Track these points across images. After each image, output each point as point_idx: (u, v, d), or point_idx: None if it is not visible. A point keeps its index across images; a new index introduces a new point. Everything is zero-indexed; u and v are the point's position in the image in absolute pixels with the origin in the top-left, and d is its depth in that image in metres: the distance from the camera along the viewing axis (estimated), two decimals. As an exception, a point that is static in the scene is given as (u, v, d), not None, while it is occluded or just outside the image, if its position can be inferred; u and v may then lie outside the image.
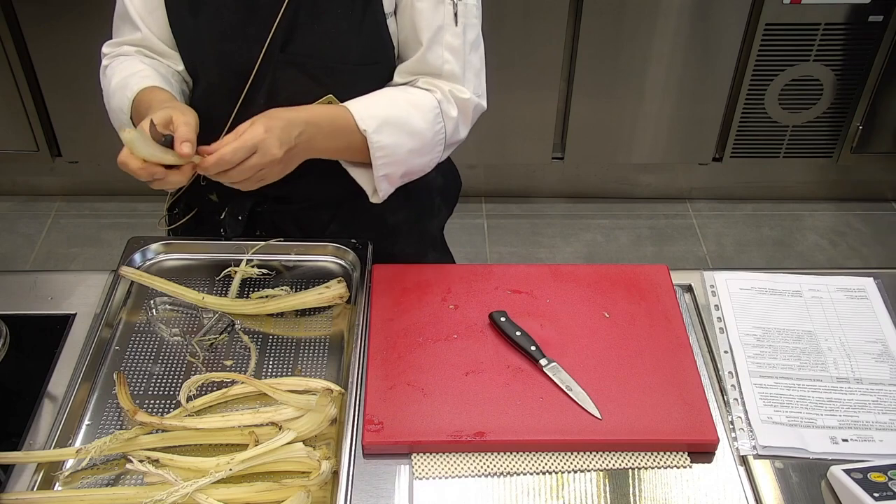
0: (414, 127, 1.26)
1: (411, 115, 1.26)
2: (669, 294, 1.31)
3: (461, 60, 1.29)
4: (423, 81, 1.30)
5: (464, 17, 1.27)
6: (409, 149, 1.26)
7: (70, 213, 3.04)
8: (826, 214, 3.09)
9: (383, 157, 1.25)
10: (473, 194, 3.06)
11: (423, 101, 1.27)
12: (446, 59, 1.28)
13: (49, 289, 1.34)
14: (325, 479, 1.05)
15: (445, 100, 1.29)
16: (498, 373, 1.18)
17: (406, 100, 1.27)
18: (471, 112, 1.32)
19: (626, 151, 2.94)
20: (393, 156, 1.25)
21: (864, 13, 2.59)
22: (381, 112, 1.24)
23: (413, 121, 1.26)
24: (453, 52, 1.28)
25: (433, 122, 1.28)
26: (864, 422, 1.14)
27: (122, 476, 1.08)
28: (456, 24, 1.26)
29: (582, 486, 1.08)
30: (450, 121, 1.29)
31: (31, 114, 2.78)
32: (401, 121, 1.25)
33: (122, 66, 1.32)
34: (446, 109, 1.29)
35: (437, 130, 1.29)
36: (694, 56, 2.70)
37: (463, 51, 1.28)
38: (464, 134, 1.34)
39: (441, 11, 1.26)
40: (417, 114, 1.26)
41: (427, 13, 1.25)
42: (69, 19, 2.58)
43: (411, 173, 1.31)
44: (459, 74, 1.29)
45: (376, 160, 1.24)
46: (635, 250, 2.94)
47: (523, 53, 2.67)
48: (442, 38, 1.27)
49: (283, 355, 1.24)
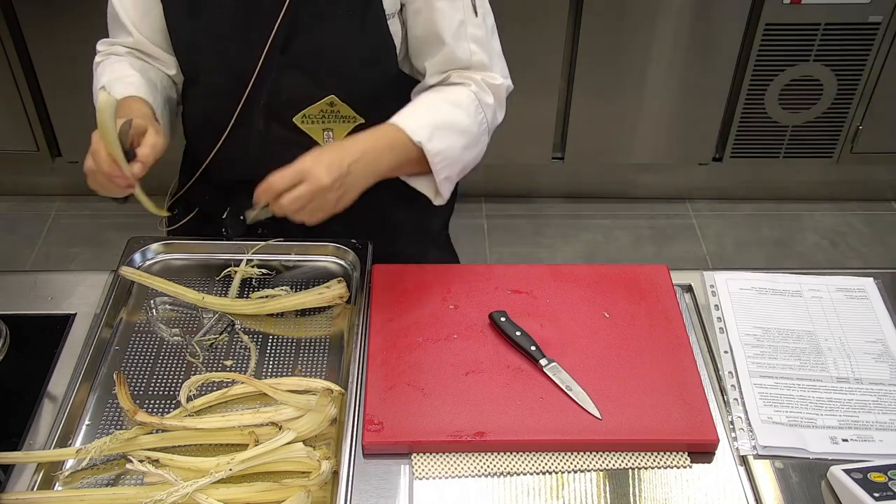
0: (461, 125, 1.29)
1: (455, 115, 1.29)
2: (669, 294, 1.31)
3: (487, 49, 1.32)
4: (455, 76, 1.33)
5: (481, 7, 1.30)
6: (462, 146, 1.30)
7: (70, 213, 3.04)
8: (826, 214, 3.09)
9: (441, 162, 1.28)
10: (473, 194, 3.06)
11: (461, 98, 1.30)
12: (473, 52, 1.31)
13: (49, 289, 1.34)
14: (325, 479, 1.05)
15: (480, 90, 1.32)
16: (498, 373, 1.18)
17: (445, 100, 1.30)
18: (504, 95, 1.36)
19: (626, 151, 2.94)
20: (449, 158, 1.29)
21: (864, 13, 2.59)
22: (428, 120, 1.27)
23: (458, 119, 1.29)
24: (479, 43, 1.31)
25: (475, 114, 1.31)
26: (864, 422, 1.14)
27: (122, 476, 1.08)
28: (476, 14, 1.29)
29: (582, 486, 1.08)
30: (489, 109, 1.33)
31: (31, 114, 2.77)
32: (448, 122, 1.28)
33: (112, 68, 1.32)
34: (483, 99, 1.32)
35: (479, 121, 1.32)
36: (694, 56, 2.70)
37: (487, 39, 1.32)
38: (501, 117, 1.38)
39: (460, 6, 1.28)
40: (460, 112, 1.30)
41: (447, 11, 1.27)
42: (69, 19, 2.57)
43: (466, 168, 1.35)
44: (487, 62, 1.33)
45: (435, 165, 1.28)
46: (635, 250, 2.94)
47: (523, 53, 2.66)
48: (466, 31, 1.29)
49: (283, 355, 1.24)
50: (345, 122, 1.34)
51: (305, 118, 1.33)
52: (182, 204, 1.51)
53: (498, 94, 1.34)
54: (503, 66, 1.37)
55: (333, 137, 1.35)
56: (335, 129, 1.34)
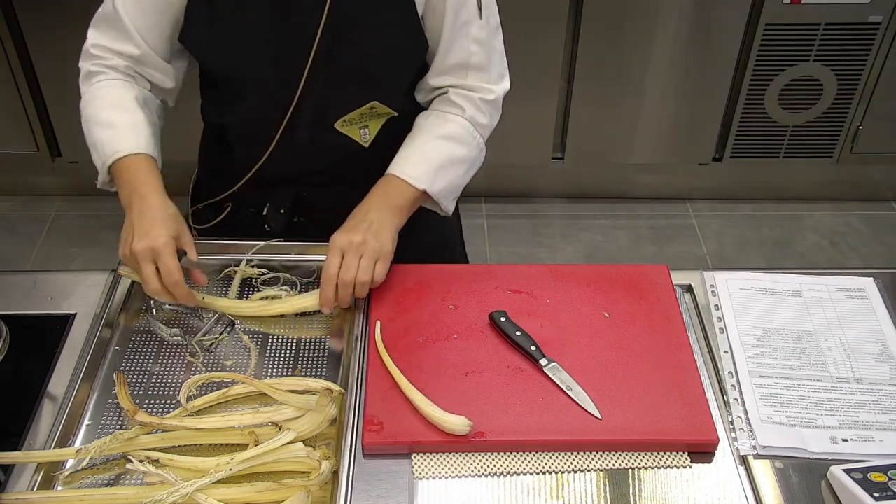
0: (459, 157, 1.35)
1: (453, 150, 1.34)
2: (669, 294, 1.31)
3: (487, 50, 1.33)
4: (453, 93, 1.35)
5: (487, 9, 1.31)
6: (462, 174, 1.37)
7: (70, 213, 3.04)
8: (826, 214, 3.09)
9: (447, 196, 1.36)
10: (473, 194, 3.06)
11: (456, 132, 1.35)
12: (473, 52, 1.32)
13: (49, 289, 1.34)
14: (325, 479, 1.05)
15: (476, 112, 1.36)
16: (498, 373, 1.18)
17: (441, 136, 1.34)
18: (500, 104, 1.38)
19: (626, 151, 2.94)
20: (452, 189, 1.37)
21: (864, 13, 2.59)
22: (428, 166, 1.32)
23: (456, 153, 1.35)
24: (480, 44, 1.32)
25: (471, 141, 1.36)
26: (864, 422, 1.14)
27: (122, 476, 1.08)
28: (480, 16, 1.30)
29: (582, 486, 1.08)
30: (484, 129, 1.38)
31: (31, 114, 2.77)
32: (446, 161, 1.34)
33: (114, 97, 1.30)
34: (477, 120, 1.36)
35: (476, 144, 1.38)
36: (694, 56, 2.70)
37: (489, 41, 1.33)
38: (496, 122, 1.41)
39: (466, 6, 1.28)
40: (458, 146, 1.35)
41: (452, 10, 1.28)
42: (69, 20, 2.57)
43: (469, 183, 1.41)
44: (486, 63, 1.34)
45: (441, 201, 1.35)
46: (635, 250, 2.94)
47: (523, 54, 2.66)
48: (468, 31, 1.30)
49: (283, 355, 1.24)
50: (379, 118, 1.37)
51: (345, 122, 1.35)
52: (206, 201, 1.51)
53: (493, 107, 1.38)
54: (502, 65, 1.38)
55: (369, 133, 1.37)
56: (370, 124, 1.37)
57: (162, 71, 1.33)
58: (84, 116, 1.32)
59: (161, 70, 1.33)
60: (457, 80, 1.35)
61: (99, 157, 1.29)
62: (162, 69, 1.33)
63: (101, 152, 1.28)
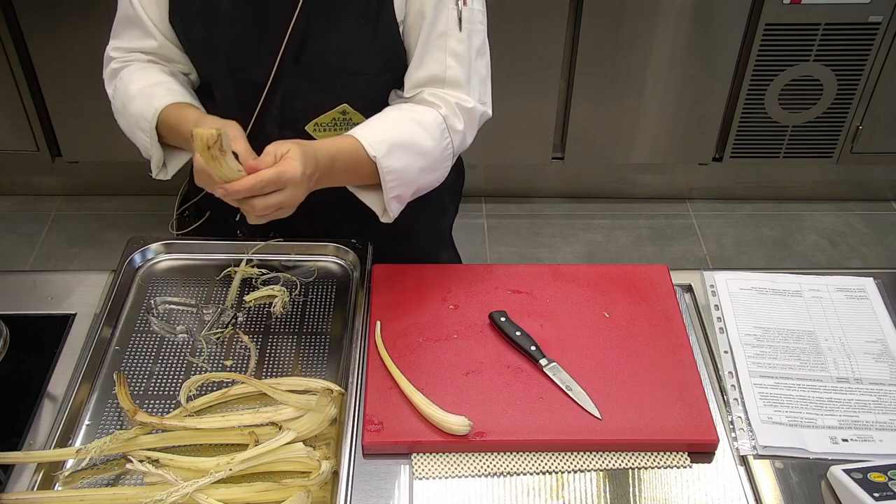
0: (422, 146, 1.25)
1: (418, 136, 1.25)
2: (669, 294, 1.31)
3: (466, 67, 1.27)
4: (428, 93, 1.28)
5: (468, 23, 1.26)
6: (419, 168, 1.26)
7: (70, 213, 3.04)
8: (826, 214, 3.09)
9: (394, 181, 1.24)
10: (473, 194, 3.06)
11: (428, 119, 1.26)
12: (449, 65, 1.26)
13: (49, 289, 1.34)
14: (325, 479, 1.05)
15: (451, 113, 1.27)
16: (498, 373, 1.18)
17: (411, 119, 1.26)
18: (477, 120, 1.31)
19: (625, 151, 2.94)
20: (403, 178, 1.25)
21: (864, 13, 2.59)
22: (388, 136, 1.22)
23: (421, 140, 1.25)
24: (457, 58, 1.26)
25: (440, 138, 1.27)
26: (864, 422, 1.14)
27: (122, 476, 1.08)
28: (460, 29, 1.25)
29: (582, 486, 1.08)
30: (457, 134, 1.29)
31: (31, 114, 2.77)
32: (409, 142, 1.24)
33: (143, 74, 1.30)
34: (452, 124, 1.28)
35: (444, 146, 1.28)
36: (694, 56, 2.70)
37: (468, 57, 1.27)
38: (470, 141, 1.33)
39: (445, 17, 1.24)
40: (425, 133, 1.25)
41: (429, 19, 1.24)
42: (69, 20, 2.57)
43: (421, 190, 1.31)
44: (464, 81, 1.28)
45: (387, 183, 1.23)
46: (635, 250, 2.94)
47: (523, 53, 2.66)
48: (445, 43, 1.25)
49: (283, 355, 1.24)
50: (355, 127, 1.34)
51: (318, 126, 1.32)
52: (192, 207, 1.50)
53: (470, 119, 1.29)
54: (484, 91, 1.31)
55: None
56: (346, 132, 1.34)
57: (181, 61, 1.34)
58: (115, 108, 1.32)
59: (180, 60, 1.34)
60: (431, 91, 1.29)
61: (143, 132, 1.26)
62: (180, 60, 1.34)
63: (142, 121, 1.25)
